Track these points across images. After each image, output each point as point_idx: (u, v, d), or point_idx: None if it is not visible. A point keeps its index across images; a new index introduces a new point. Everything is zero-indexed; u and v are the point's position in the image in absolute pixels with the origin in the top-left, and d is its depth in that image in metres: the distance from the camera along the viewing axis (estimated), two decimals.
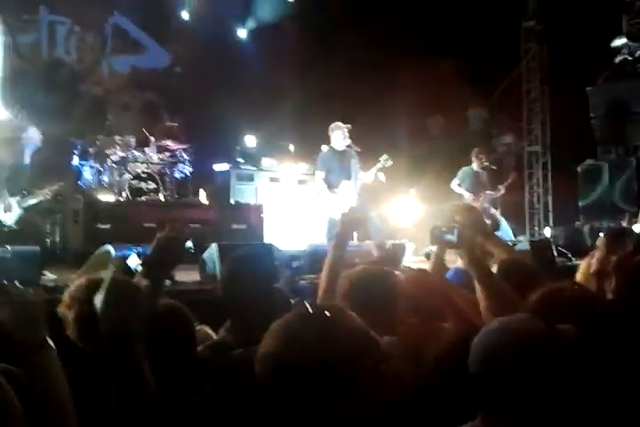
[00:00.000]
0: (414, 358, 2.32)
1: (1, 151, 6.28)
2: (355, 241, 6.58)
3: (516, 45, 12.31)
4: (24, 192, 6.33)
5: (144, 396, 1.35)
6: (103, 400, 1.40)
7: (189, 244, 1.86)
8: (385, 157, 7.57)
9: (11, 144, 6.38)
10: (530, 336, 1.44)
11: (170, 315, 2.13)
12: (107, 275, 1.45)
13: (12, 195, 6.23)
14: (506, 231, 8.95)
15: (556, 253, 7.07)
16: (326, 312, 1.22)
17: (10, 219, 6.19)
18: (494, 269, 2.71)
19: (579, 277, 3.27)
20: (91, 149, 8.38)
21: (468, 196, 8.93)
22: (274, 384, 1.18)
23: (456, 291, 2.69)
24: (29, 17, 10.24)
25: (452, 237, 2.38)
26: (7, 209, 6.15)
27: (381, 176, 7.75)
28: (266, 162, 9.78)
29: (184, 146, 9.07)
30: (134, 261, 4.71)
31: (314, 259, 5.91)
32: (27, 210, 6.35)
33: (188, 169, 8.94)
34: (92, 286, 2.34)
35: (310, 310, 1.24)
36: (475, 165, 9.20)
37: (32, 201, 6.35)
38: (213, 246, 5.30)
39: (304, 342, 1.16)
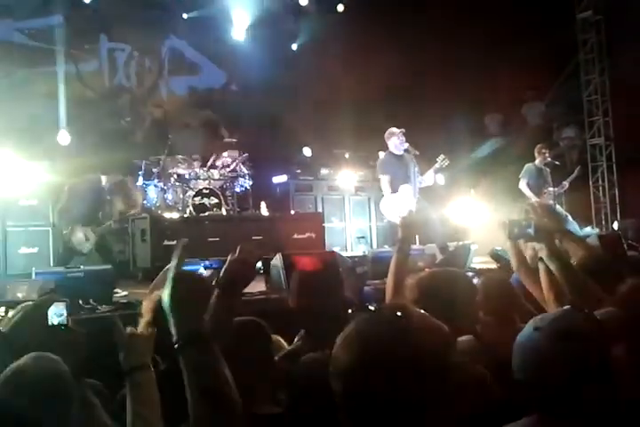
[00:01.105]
0: (494, 358, 2.30)
1: (82, 184, 6.59)
2: (417, 245, 6.56)
3: (572, 37, 12.02)
4: (97, 222, 6.62)
5: (224, 398, 1.29)
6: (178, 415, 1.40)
7: (259, 264, 1.88)
8: (442, 157, 7.52)
9: (92, 180, 6.67)
10: (580, 335, 1.42)
11: (247, 332, 2.18)
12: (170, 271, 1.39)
13: (86, 225, 6.52)
14: (573, 227, 8.72)
15: (626, 247, 6.84)
16: (397, 312, 1.16)
17: (87, 248, 6.48)
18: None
19: None
20: (154, 169, 8.64)
21: (533, 197, 8.73)
22: (351, 401, 1.12)
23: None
24: (90, 46, 10.66)
25: (530, 231, 2.39)
26: (85, 238, 6.44)
27: (440, 178, 7.69)
28: (323, 171, 9.87)
29: (243, 160, 9.25)
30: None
31: (377, 264, 5.92)
32: (102, 236, 6.64)
33: (247, 183, 9.10)
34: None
35: (380, 313, 1.20)
36: (538, 161, 9.01)
37: (106, 229, 6.65)
38: (278, 257, 5.37)
39: (379, 347, 1.11)
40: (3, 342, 1.92)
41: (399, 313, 1.15)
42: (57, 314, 2.04)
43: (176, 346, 1.31)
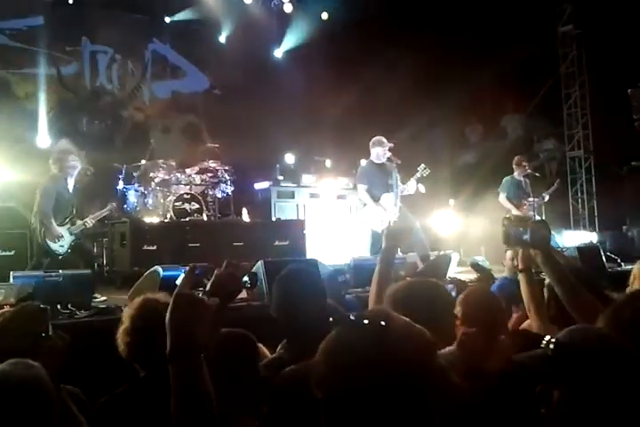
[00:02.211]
0: (473, 369, 2.29)
1: (48, 182, 6.47)
2: (399, 253, 6.57)
3: (552, 51, 12.19)
4: (72, 220, 6.51)
5: (204, 408, 1.35)
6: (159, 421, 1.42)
7: (246, 278, 1.92)
8: (422, 166, 7.57)
9: (57, 175, 6.56)
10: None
11: (232, 343, 2.17)
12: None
13: (61, 224, 6.41)
14: (553, 239, 8.80)
15: (604, 259, 6.92)
16: (378, 320, 1.17)
17: (61, 247, 6.36)
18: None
19: (635, 282, 3.21)
20: (135, 173, 8.56)
21: (513, 209, 8.79)
22: (334, 408, 1.12)
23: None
24: (72, 48, 10.57)
25: (527, 237, 2.38)
26: (58, 238, 6.31)
27: (422, 188, 7.73)
28: (306, 178, 9.86)
29: (225, 166, 9.20)
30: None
31: (358, 273, 5.92)
32: (77, 236, 6.53)
33: (229, 188, 9.05)
34: (145, 307, 2.42)
35: (360, 321, 1.19)
36: (517, 173, 9.07)
37: (80, 227, 6.53)
38: (259, 264, 5.35)
39: (359, 355, 1.11)
40: None
41: (381, 321, 1.16)
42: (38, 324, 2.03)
43: (168, 356, 1.37)
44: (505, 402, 1.94)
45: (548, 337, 1.46)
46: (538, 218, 8.77)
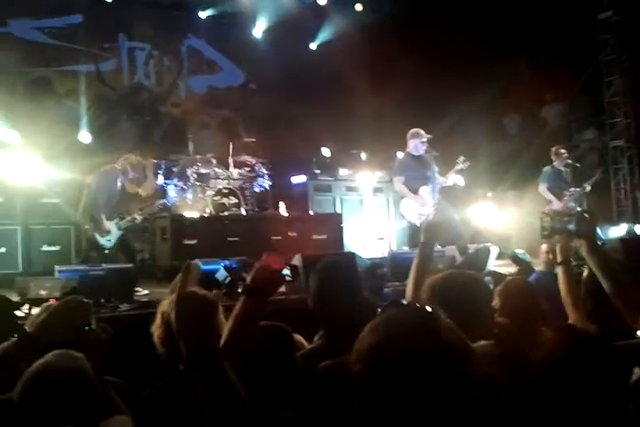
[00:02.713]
0: (512, 362, 2.28)
1: (102, 177, 6.63)
2: (437, 246, 6.53)
3: (592, 38, 11.91)
4: (120, 215, 6.65)
5: (237, 409, 1.31)
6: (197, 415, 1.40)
7: (286, 271, 1.91)
8: (462, 159, 7.50)
9: (111, 171, 6.72)
10: None
11: (272, 336, 2.20)
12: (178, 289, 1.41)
13: (109, 219, 6.55)
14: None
15: None
16: (428, 308, 1.19)
17: (109, 242, 6.51)
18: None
19: None
20: (174, 169, 8.67)
21: (554, 200, 8.64)
22: (370, 380, 1.13)
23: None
24: (110, 45, 10.72)
25: (572, 227, 2.36)
26: (107, 233, 6.46)
27: (460, 180, 7.66)
28: (342, 172, 9.86)
29: (262, 160, 9.26)
30: (222, 275, 4.86)
31: (396, 266, 5.91)
32: (125, 231, 6.67)
33: (267, 183, 9.11)
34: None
35: (411, 306, 1.22)
36: (556, 163, 8.91)
37: (128, 223, 6.67)
38: (297, 257, 5.37)
39: (406, 336, 1.12)
40: (28, 341, 1.94)
41: (430, 309, 1.18)
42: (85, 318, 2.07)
43: (186, 364, 1.33)
44: (548, 397, 1.91)
45: None
46: (579, 209, 8.63)
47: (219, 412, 1.30)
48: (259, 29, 11.83)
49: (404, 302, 1.24)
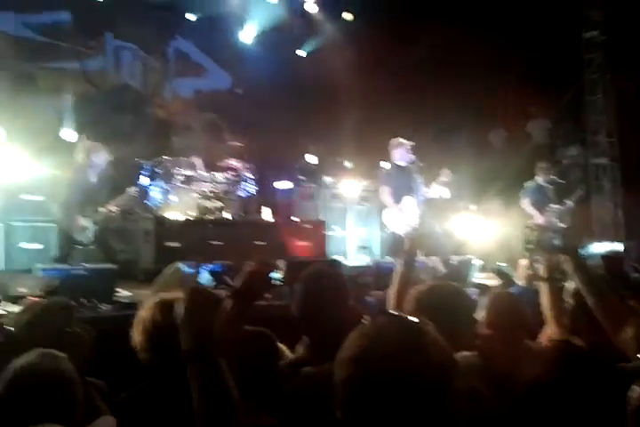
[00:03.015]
0: (496, 375, 2.27)
1: (73, 174, 6.54)
2: (420, 257, 6.54)
3: (577, 56, 12.09)
4: (96, 209, 6.57)
5: (229, 408, 1.33)
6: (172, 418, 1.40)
7: (276, 275, 1.91)
8: (446, 171, 7.54)
9: (81, 167, 6.63)
10: None
11: (255, 342, 2.20)
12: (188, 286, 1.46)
13: (84, 215, 6.47)
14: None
15: (630, 268, 6.84)
16: (414, 318, 1.19)
17: (86, 238, 6.42)
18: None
19: None
20: (158, 170, 8.60)
21: (536, 215, 8.70)
22: (353, 389, 1.12)
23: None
24: (96, 43, 10.63)
25: (557, 242, 2.40)
26: (83, 229, 6.38)
27: (445, 192, 7.70)
28: (327, 179, 9.86)
29: (247, 165, 9.22)
30: (206, 279, 4.83)
31: (379, 275, 5.91)
32: (102, 226, 6.58)
33: (251, 187, 9.08)
34: (162, 306, 2.40)
35: (396, 317, 1.22)
36: (539, 179, 8.99)
37: (103, 215, 6.59)
38: (281, 263, 5.35)
39: (392, 347, 1.12)
40: (12, 342, 1.92)
41: (417, 320, 1.19)
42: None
43: (184, 357, 1.34)
44: (536, 414, 1.90)
45: None
46: (563, 225, 8.71)
47: (211, 406, 1.31)
48: (248, 34, 11.81)
49: (393, 312, 1.24)
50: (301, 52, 12.48)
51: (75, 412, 1.82)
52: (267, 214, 9.16)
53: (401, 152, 7.53)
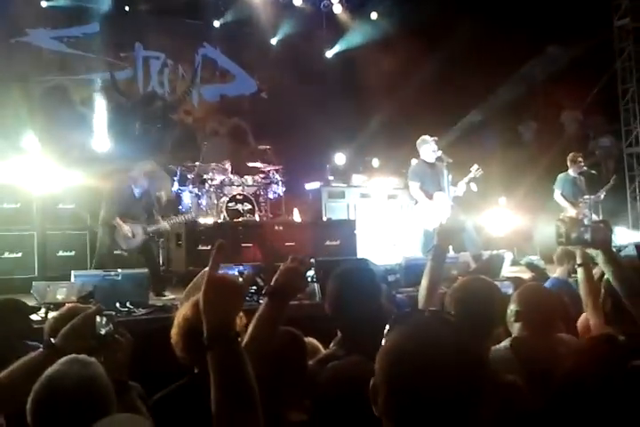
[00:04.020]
0: (531, 369, 2.26)
1: (113, 185, 6.65)
2: (451, 253, 6.51)
3: (609, 45, 11.87)
4: (150, 219, 6.67)
5: (246, 398, 1.31)
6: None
7: (311, 272, 1.90)
8: (475, 167, 7.49)
9: (119, 179, 6.74)
10: None
11: (288, 340, 2.22)
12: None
13: (136, 221, 6.55)
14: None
15: None
16: (449, 315, 1.22)
17: (134, 244, 6.49)
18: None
19: None
20: (189, 175, 8.73)
21: (568, 207, 8.60)
22: (393, 381, 1.14)
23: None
24: (126, 54, 10.82)
25: (587, 237, 2.38)
26: (134, 235, 6.46)
27: (473, 186, 7.65)
28: (356, 178, 9.87)
29: (276, 167, 9.30)
30: (246, 280, 4.88)
31: (409, 272, 5.89)
32: (150, 237, 6.69)
33: (281, 189, 9.15)
34: (196, 305, 2.46)
35: (433, 313, 1.24)
36: (572, 171, 8.87)
37: (155, 228, 6.68)
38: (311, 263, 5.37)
39: (435, 341, 1.14)
40: (53, 351, 1.94)
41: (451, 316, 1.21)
42: (103, 325, 2.09)
43: (205, 344, 1.34)
44: (573, 408, 1.86)
45: None
46: (590, 218, 8.58)
47: (229, 392, 1.30)
48: (274, 37, 11.88)
49: (429, 309, 1.26)
50: (328, 53, 12.49)
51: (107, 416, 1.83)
52: (297, 215, 9.22)
53: (428, 149, 7.50)
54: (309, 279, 1.78)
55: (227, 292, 1.38)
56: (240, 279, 1.46)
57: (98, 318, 2.08)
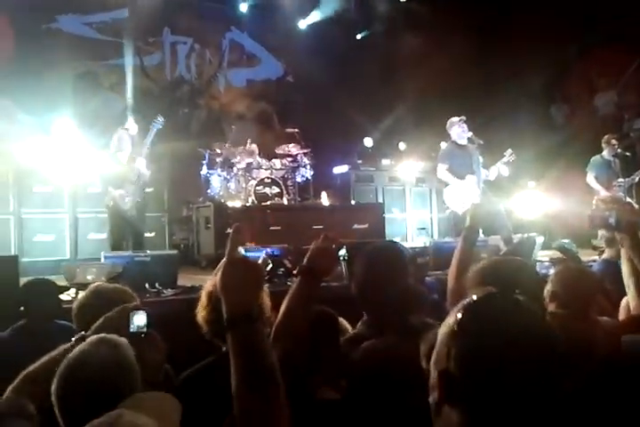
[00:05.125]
0: (571, 355, 2.21)
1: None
2: (482, 236, 6.44)
3: None
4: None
5: (264, 374, 1.31)
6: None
7: (343, 251, 1.89)
8: (509, 151, 7.40)
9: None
10: None
11: (322, 320, 2.20)
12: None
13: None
14: None
15: None
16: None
17: (127, 204, 6.47)
18: None
19: None
20: (217, 159, 8.76)
21: (602, 190, 8.44)
22: (463, 356, 1.10)
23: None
24: (154, 39, 10.85)
25: (612, 221, 2.34)
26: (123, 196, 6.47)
27: (504, 170, 7.54)
28: (384, 162, 9.81)
29: (305, 151, 9.27)
30: (264, 262, 4.89)
31: (438, 255, 5.85)
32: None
33: (309, 173, 9.15)
34: None
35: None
36: (606, 153, 8.69)
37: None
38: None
39: (506, 321, 1.11)
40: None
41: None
42: (138, 322, 2.08)
43: (225, 325, 1.34)
44: (611, 392, 1.82)
45: None
46: (625, 200, 8.40)
47: (248, 373, 1.30)
48: (301, 20, 11.79)
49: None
50: (357, 36, 12.37)
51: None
52: (325, 199, 9.20)
53: (457, 130, 7.41)
54: (341, 258, 1.77)
55: (245, 274, 1.38)
56: (261, 259, 1.45)
57: (134, 316, 2.08)
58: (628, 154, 8.93)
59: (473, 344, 1.10)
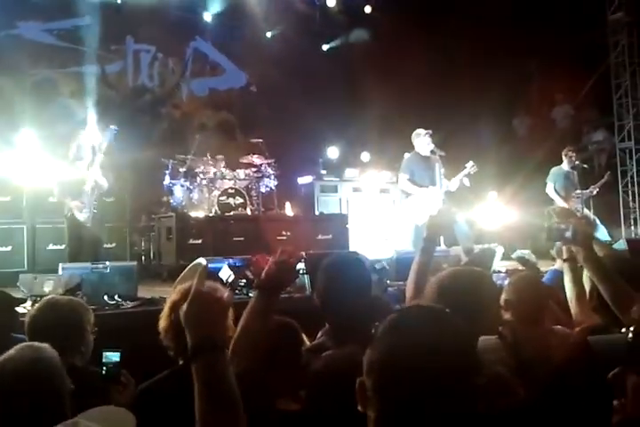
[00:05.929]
0: (518, 359, 2.25)
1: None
2: (442, 246, 6.50)
3: (603, 39, 11.85)
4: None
5: (227, 402, 1.34)
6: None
7: (301, 265, 1.91)
8: (471, 163, 7.48)
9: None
10: None
11: (282, 331, 2.22)
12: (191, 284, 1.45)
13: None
14: (601, 232, 8.58)
15: None
16: (445, 309, 1.19)
17: (83, 216, 6.34)
18: None
19: None
20: (181, 169, 8.69)
21: (561, 201, 8.62)
22: (383, 372, 1.12)
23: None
24: (116, 47, 10.75)
25: (569, 234, 2.41)
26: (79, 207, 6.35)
27: (466, 181, 7.63)
28: (348, 172, 9.85)
29: (269, 161, 9.26)
30: (226, 273, 4.85)
31: (400, 266, 5.87)
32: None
33: (273, 183, 9.13)
34: (184, 293, 2.44)
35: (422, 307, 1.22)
36: (565, 165, 8.88)
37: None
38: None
39: (422, 328, 1.12)
40: None
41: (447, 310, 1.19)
42: (110, 359, 2.06)
43: (190, 353, 1.36)
44: (566, 399, 1.84)
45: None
46: (582, 213, 8.59)
47: (211, 405, 1.32)
48: (267, 31, 11.81)
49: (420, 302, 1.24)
50: (322, 47, 12.43)
51: (60, 400, 1.81)
52: (289, 209, 9.20)
53: (422, 142, 7.49)
54: (299, 272, 1.77)
55: (211, 307, 1.39)
56: (226, 294, 1.47)
57: (108, 352, 2.04)
58: (585, 166, 9.13)
59: (382, 354, 1.12)
